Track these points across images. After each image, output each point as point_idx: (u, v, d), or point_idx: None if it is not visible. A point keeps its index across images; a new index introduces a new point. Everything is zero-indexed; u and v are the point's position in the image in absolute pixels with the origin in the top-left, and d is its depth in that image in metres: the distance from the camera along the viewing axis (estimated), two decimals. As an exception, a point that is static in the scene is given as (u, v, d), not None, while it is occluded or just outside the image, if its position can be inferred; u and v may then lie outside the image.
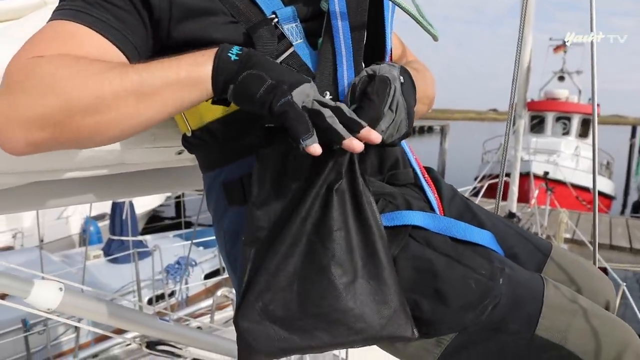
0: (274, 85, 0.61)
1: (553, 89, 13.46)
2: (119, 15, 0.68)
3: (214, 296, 2.56)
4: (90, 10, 0.66)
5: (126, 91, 0.60)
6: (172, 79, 0.62)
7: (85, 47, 0.64)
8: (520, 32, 1.08)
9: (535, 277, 0.81)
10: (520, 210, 6.28)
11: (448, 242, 0.81)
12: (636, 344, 0.74)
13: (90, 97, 0.59)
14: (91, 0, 0.67)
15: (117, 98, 0.60)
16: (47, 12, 0.93)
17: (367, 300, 0.70)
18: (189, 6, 0.71)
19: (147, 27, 0.70)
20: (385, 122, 0.73)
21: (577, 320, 0.75)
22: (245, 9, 0.74)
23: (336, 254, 0.68)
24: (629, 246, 6.36)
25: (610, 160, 13.62)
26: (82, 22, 0.65)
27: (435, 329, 0.75)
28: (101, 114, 0.60)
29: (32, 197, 0.95)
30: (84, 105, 0.59)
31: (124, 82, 0.60)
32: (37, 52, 0.62)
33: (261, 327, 0.69)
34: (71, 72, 0.59)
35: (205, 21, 0.72)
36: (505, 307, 0.75)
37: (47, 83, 0.59)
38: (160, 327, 1.26)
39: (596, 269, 0.98)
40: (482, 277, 0.76)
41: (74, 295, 1.09)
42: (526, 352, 0.75)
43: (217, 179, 0.84)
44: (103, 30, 0.66)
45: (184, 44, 0.71)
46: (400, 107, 0.74)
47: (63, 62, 0.61)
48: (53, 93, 0.59)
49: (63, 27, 0.65)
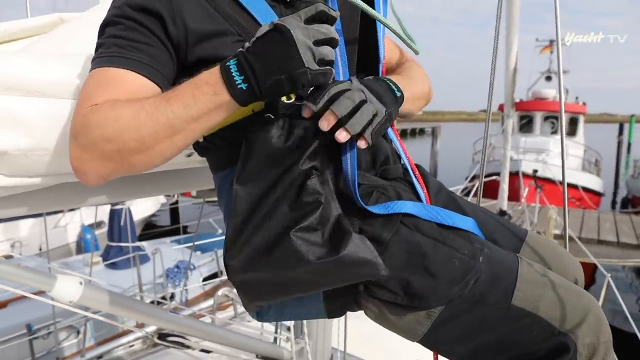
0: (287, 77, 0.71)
1: (540, 89, 13.65)
2: (149, 52, 0.80)
3: (215, 295, 2.63)
4: (125, 54, 0.79)
5: (160, 133, 0.73)
6: (195, 114, 0.73)
7: (128, 87, 0.77)
8: (495, 39, 1.18)
9: (510, 256, 0.92)
10: (511, 208, 6.41)
11: (434, 227, 0.91)
12: (596, 310, 0.86)
13: (135, 142, 0.73)
14: (124, 44, 0.79)
15: (155, 139, 0.74)
16: (65, 29, 1.04)
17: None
18: (203, 32, 0.83)
19: (172, 56, 0.83)
20: (344, 105, 0.75)
21: (546, 291, 0.86)
22: (250, 28, 0.85)
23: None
24: (616, 240, 6.52)
25: (598, 157, 13.82)
26: (120, 66, 0.78)
27: (426, 302, 0.85)
28: (145, 152, 0.74)
29: (55, 198, 1.04)
30: (131, 149, 0.74)
31: (157, 127, 0.73)
32: (91, 102, 0.76)
33: (246, 276, 0.81)
34: (115, 123, 0.73)
35: (217, 42, 0.84)
36: (485, 282, 0.85)
37: (100, 134, 0.73)
38: (173, 319, 1.35)
39: (566, 251, 1.09)
40: (465, 257, 0.87)
41: (92, 289, 1.18)
42: (504, 320, 0.85)
43: (228, 177, 0.93)
44: (139, 69, 0.79)
45: (199, 62, 0.83)
46: (367, 94, 0.78)
47: (108, 114, 0.73)
48: (106, 141, 0.73)
49: (105, 74, 0.78)
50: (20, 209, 0.99)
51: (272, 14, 0.87)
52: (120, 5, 0.82)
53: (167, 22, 0.81)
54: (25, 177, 0.87)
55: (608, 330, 0.86)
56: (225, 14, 0.85)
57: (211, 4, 0.85)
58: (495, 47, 1.23)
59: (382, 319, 0.93)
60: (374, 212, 0.87)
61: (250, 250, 0.79)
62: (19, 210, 1.00)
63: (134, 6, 0.81)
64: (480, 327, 0.87)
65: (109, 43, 0.81)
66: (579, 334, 0.83)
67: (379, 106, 0.79)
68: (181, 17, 0.82)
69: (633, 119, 21.55)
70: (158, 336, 1.39)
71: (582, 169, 12.43)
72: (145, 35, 0.81)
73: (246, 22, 0.86)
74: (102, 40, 0.82)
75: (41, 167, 0.87)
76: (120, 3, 0.82)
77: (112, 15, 0.82)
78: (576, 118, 12.88)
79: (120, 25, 0.81)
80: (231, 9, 0.86)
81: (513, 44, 4.60)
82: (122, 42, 0.80)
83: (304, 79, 0.70)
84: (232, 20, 0.85)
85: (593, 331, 0.84)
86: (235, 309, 2.74)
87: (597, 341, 0.84)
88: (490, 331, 0.86)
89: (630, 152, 20.56)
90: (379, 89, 0.82)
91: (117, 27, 0.81)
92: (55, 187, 0.99)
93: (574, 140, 12.65)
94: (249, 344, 1.61)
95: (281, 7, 0.90)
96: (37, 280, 1.09)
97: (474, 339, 0.88)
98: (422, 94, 1.05)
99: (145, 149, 0.74)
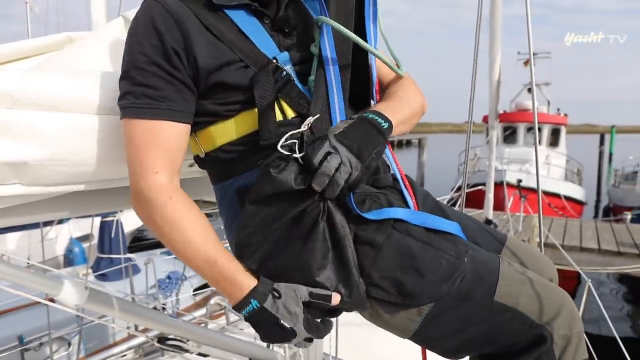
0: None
1: (523, 101, 13.93)
2: (175, 98, 0.91)
3: (207, 304, 2.66)
4: (157, 105, 0.90)
5: (194, 268, 0.93)
6: (218, 289, 0.92)
7: (167, 139, 0.91)
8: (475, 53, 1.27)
9: (492, 256, 1.00)
10: (497, 217, 6.52)
11: (423, 231, 0.99)
12: (570, 304, 0.95)
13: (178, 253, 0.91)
14: (153, 95, 0.90)
15: (191, 266, 0.93)
16: (75, 47, 1.10)
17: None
18: (210, 66, 0.92)
19: (193, 92, 0.94)
20: (332, 162, 0.85)
21: (525, 288, 0.94)
22: (253, 55, 0.94)
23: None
24: (597, 247, 6.70)
25: (580, 167, 14.11)
26: (157, 117, 0.90)
27: (417, 300, 0.93)
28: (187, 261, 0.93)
29: (67, 205, 1.10)
30: (181, 256, 0.92)
31: (195, 266, 0.92)
32: (145, 170, 0.90)
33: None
34: (163, 230, 0.90)
35: (223, 72, 0.93)
36: (471, 280, 0.93)
37: (151, 224, 0.92)
38: (174, 324, 1.40)
39: (542, 255, 1.20)
40: (451, 257, 0.95)
41: (97, 293, 1.22)
42: (488, 315, 0.93)
43: (230, 187, 1.00)
44: (173, 117, 0.91)
45: (209, 88, 0.93)
46: (341, 151, 0.87)
47: (159, 218, 0.90)
48: (155, 229, 0.92)
49: (145, 128, 0.90)
50: (34, 216, 1.04)
51: (272, 44, 0.96)
52: (142, 50, 0.90)
53: (183, 59, 0.90)
54: (41, 186, 0.93)
55: (580, 322, 0.94)
56: (229, 43, 0.93)
57: (216, 34, 0.93)
58: (475, 60, 1.32)
59: (376, 317, 1.00)
60: (368, 218, 0.95)
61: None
62: (30, 218, 1.05)
63: (155, 50, 0.89)
64: (466, 321, 0.94)
65: (138, 92, 0.90)
66: (555, 326, 0.92)
67: (354, 162, 0.87)
68: (193, 55, 0.91)
69: (614, 129, 22.06)
70: (158, 340, 1.43)
71: (564, 178, 12.68)
72: (167, 81, 0.90)
73: (248, 48, 0.94)
74: (130, 88, 0.91)
75: (56, 177, 0.93)
76: (141, 48, 0.90)
77: (136, 61, 0.90)
78: (558, 129, 13.17)
79: (144, 72, 0.90)
80: (235, 37, 0.94)
81: (496, 56, 4.72)
82: (150, 92, 0.89)
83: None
84: (236, 48, 0.93)
85: (567, 323, 0.92)
86: (227, 317, 2.77)
87: (570, 332, 0.92)
88: (476, 325, 0.94)
89: (611, 162, 20.99)
90: (358, 137, 0.90)
91: (142, 74, 0.90)
92: (69, 195, 1.05)
93: (556, 150, 12.92)
94: (244, 348, 1.66)
95: (279, 36, 0.98)
96: (44, 285, 1.13)
97: (460, 333, 0.96)
98: (412, 113, 1.08)
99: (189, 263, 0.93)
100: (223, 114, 0.95)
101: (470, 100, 1.33)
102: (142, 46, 0.90)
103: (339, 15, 0.97)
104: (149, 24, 0.90)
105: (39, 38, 1.14)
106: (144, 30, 0.91)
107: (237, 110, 0.94)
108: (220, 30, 0.93)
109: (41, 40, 1.14)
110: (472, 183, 8.28)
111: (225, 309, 2.82)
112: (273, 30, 0.98)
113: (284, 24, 0.98)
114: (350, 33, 0.92)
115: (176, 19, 0.91)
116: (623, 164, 16.12)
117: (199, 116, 0.96)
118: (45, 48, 1.15)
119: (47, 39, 1.15)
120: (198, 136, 0.99)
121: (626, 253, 6.42)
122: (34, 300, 1.15)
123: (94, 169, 0.96)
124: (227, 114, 0.95)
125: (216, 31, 0.93)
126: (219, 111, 0.95)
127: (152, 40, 0.90)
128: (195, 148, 1.03)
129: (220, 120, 0.96)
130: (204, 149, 1.00)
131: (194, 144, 1.02)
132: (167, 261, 4.87)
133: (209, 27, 0.93)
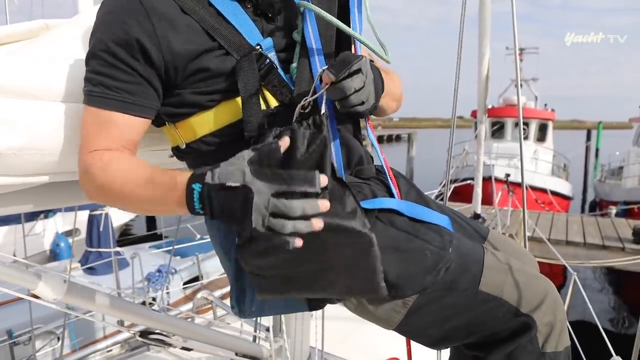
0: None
1: (511, 96, 14.03)
2: (132, 90, 0.88)
3: (194, 299, 2.64)
4: (111, 95, 0.87)
5: (143, 206, 0.86)
6: (167, 209, 0.82)
7: (117, 129, 0.88)
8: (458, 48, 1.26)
9: (477, 247, 0.99)
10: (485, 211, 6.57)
11: (407, 221, 0.98)
12: (553, 292, 0.95)
13: (124, 206, 0.87)
14: (109, 84, 0.87)
15: (141, 208, 0.88)
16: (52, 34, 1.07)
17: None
18: (189, 52, 0.89)
19: (155, 87, 0.90)
20: (356, 82, 0.85)
21: (509, 277, 0.94)
22: (235, 41, 0.91)
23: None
24: (582, 241, 6.78)
25: (567, 162, 14.25)
26: (108, 107, 0.87)
27: (402, 291, 0.92)
28: (137, 211, 0.92)
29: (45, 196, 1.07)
30: (123, 208, 0.88)
31: (140, 200, 0.84)
32: (92, 147, 0.87)
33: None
34: (104, 184, 0.85)
35: (204, 59, 0.90)
36: (455, 270, 0.93)
37: (95, 188, 0.88)
38: (155, 317, 1.37)
39: (524, 249, 1.21)
40: (436, 248, 0.94)
41: (76, 287, 1.20)
42: (473, 305, 0.93)
43: None
44: (126, 109, 0.88)
45: (190, 75, 0.90)
46: (369, 79, 0.89)
47: (98, 175, 0.85)
48: (101, 195, 0.88)
49: (98, 115, 0.88)
50: (12, 207, 1.01)
51: (254, 29, 0.93)
52: (104, 38, 0.87)
53: (151, 52, 0.86)
54: (16, 176, 0.91)
55: (563, 310, 0.95)
56: (210, 27, 0.90)
57: (196, 19, 0.90)
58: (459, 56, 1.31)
59: (361, 309, 0.99)
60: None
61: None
62: (9, 210, 1.02)
63: (116, 40, 0.86)
64: (451, 311, 0.94)
65: (95, 80, 0.87)
66: (539, 314, 0.92)
67: (371, 96, 0.89)
68: (167, 43, 0.87)
69: (601, 125, 22.31)
70: (140, 334, 1.41)
71: (551, 173, 12.80)
72: (125, 72, 0.87)
73: (230, 34, 0.91)
74: (89, 75, 0.88)
75: (31, 167, 0.91)
76: (104, 36, 0.87)
77: (96, 49, 0.87)
78: (545, 124, 13.28)
79: (103, 62, 0.87)
80: (216, 22, 0.91)
81: (485, 52, 4.75)
82: (107, 81, 0.87)
83: (247, 234, 0.77)
84: (216, 33, 0.90)
85: (551, 311, 0.93)
86: (214, 311, 2.75)
87: (554, 320, 0.92)
88: (461, 315, 0.94)
89: (598, 157, 21.25)
90: (377, 79, 0.92)
91: (101, 63, 0.87)
92: (45, 186, 1.02)
93: (543, 145, 13.03)
94: (229, 342, 1.64)
95: (263, 21, 0.95)
96: (21, 278, 1.10)
97: (446, 322, 0.95)
98: (395, 94, 1.11)
99: (135, 210, 0.92)
100: (204, 104, 0.92)
101: (454, 91, 1.33)
102: (104, 34, 0.87)
103: (322, 1, 0.95)
104: (117, 10, 0.87)
105: (14, 25, 1.11)
106: (109, 18, 0.87)
107: (218, 100, 0.92)
108: (200, 14, 0.90)
109: (17, 27, 1.10)
110: (461, 178, 8.33)
111: (212, 303, 2.81)
112: (256, 15, 0.95)
113: (267, 8, 0.94)
114: (332, 18, 0.90)
115: (149, 6, 0.86)
116: (609, 159, 16.33)
117: (180, 107, 0.93)
118: (20, 35, 1.12)
119: (23, 25, 1.11)
120: (178, 127, 0.96)
121: (611, 247, 6.51)
122: (25, 287, 1.12)
123: (68, 159, 0.93)
124: (208, 104, 0.92)
125: (196, 16, 0.90)
126: (200, 101, 0.92)
127: (115, 29, 0.86)
128: (175, 139, 1.00)
129: (201, 111, 0.93)
130: (185, 140, 0.98)
131: (174, 134, 0.99)
132: (155, 255, 4.84)
133: (188, 11, 0.89)
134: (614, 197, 12.40)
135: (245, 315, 1.00)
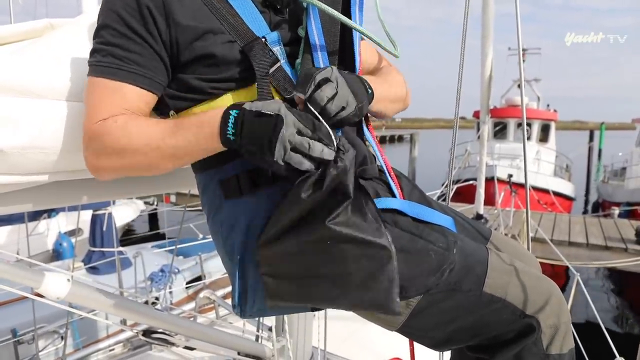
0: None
1: (513, 96, 14.00)
2: (142, 62, 0.87)
3: (196, 298, 2.65)
4: (121, 65, 0.86)
5: (165, 160, 0.85)
6: (196, 149, 0.84)
7: (127, 99, 0.86)
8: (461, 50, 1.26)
9: (481, 248, 0.99)
10: (487, 212, 6.56)
11: (411, 222, 0.98)
12: (558, 293, 0.94)
13: (143, 164, 0.86)
14: (119, 54, 0.86)
15: (164, 161, 0.86)
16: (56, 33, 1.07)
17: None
18: (194, 29, 0.87)
19: (165, 62, 0.89)
20: (327, 91, 0.82)
21: (513, 278, 0.93)
22: (241, 29, 0.90)
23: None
24: (585, 242, 6.76)
25: (569, 163, 14.21)
26: (117, 78, 0.86)
27: (405, 292, 0.91)
28: (153, 170, 0.88)
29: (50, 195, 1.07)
30: (139, 168, 0.87)
31: (163, 157, 0.85)
32: (99, 116, 0.85)
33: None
34: (123, 143, 0.83)
35: (208, 40, 0.88)
36: (459, 271, 0.92)
37: (110, 151, 0.85)
38: (159, 317, 1.37)
39: (526, 250, 1.20)
40: (440, 249, 0.93)
41: (80, 286, 1.20)
42: (477, 306, 0.92)
43: (213, 178, 0.97)
44: (136, 81, 0.87)
45: (193, 60, 0.88)
46: (341, 83, 0.85)
47: (117, 134, 0.83)
48: (116, 157, 0.85)
49: (106, 85, 0.86)
50: (14, 206, 1.01)
51: (261, 21, 0.92)
52: (116, 8, 0.86)
53: (158, 21, 0.86)
54: (19, 175, 0.91)
55: (567, 311, 0.94)
56: (217, 12, 0.89)
57: (203, 0, 0.89)
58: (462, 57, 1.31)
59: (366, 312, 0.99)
60: None
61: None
62: (12, 208, 1.02)
63: (129, 10, 0.86)
64: (454, 313, 0.93)
65: (104, 51, 0.86)
66: (543, 316, 0.91)
67: (350, 98, 0.85)
68: (172, 17, 0.87)
69: (603, 126, 22.25)
70: (143, 333, 1.41)
71: (554, 174, 12.77)
72: (137, 43, 0.86)
73: (237, 23, 0.90)
74: (98, 46, 0.87)
75: (35, 165, 0.91)
76: (116, 6, 0.87)
77: (107, 20, 0.87)
78: (548, 125, 13.24)
79: (114, 32, 0.86)
80: (223, 8, 0.90)
81: (488, 52, 4.74)
82: (117, 51, 0.86)
83: (268, 163, 0.78)
84: (223, 18, 0.89)
85: (555, 313, 0.92)
86: (217, 311, 2.76)
87: (558, 322, 0.92)
88: (465, 316, 0.93)
89: (600, 158, 21.19)
90: (353, 82, 0.88)
91: (111, 33, 0.86)
92: (49, 185, 1.02)
93: (546, 146, 12.99)
94: (231, 341, 1.64)
95: (271, 13, 0.94)
96: (24, 277, 1.11)
97: (449, 324, 0.95)
98: (396, 97, 1.09)
99: (153, 169, 0.88)
100: (207, 92, 0.91)
101: (457, 91, 1.32)
102: (115, 4, 0.86)
103: None
104: None
105: (19, 24, 1.11)
106: None
107: (223, 89, 0.91)
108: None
109: (21, 26, 1.10)
110: (463, 178, 8.31)
111: (215, 303, 2.81)
112: (264, 6, 0.94)
113: (275, 0, 0.94)
114: (335, 12, 0.89)
115: None
116: (612, 160, 16.28)
117: (182, 92, 0.92)
118: (25, 34, 1.12)
119: (27, 24, 1.11)
120: (180, 117, 0.96)
121: (613, 247, 6.49)
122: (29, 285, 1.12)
123: (72, 158, 0.93)
124: (212, 92, 0.91)
125: None
126: (203, 88, 0.91)
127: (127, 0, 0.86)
128: None
129: (205, 102, 0.92)
130: None
131: None
132: (157, 254, 4.84)
133: None
134: (617, 198, 12.35)
135: (247, 316, 0.99)
